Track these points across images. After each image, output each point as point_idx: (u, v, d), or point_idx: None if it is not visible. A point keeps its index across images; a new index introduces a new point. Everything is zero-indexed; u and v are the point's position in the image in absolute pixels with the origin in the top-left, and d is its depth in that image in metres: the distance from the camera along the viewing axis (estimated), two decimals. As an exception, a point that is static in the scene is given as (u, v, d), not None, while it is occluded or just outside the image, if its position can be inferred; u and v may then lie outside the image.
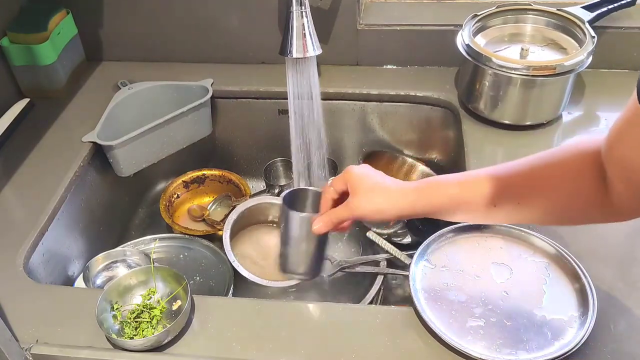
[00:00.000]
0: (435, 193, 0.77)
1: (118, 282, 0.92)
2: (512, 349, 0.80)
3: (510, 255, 0.93)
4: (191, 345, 0.87)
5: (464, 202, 0.75)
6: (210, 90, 1.35)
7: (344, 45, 1.38)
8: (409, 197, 0.77)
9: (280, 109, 1.41)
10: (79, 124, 1.29)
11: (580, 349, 0.80)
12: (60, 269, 1.15)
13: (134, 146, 1.26)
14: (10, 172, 1.19)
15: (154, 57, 1.46)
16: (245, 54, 1.43)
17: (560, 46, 1.20)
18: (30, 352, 0.87)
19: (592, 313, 0.83)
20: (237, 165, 1.52)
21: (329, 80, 1.37)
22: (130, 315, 0.89)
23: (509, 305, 0.86)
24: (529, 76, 1.12)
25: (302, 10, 1.13)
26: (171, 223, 1.33)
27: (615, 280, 0.90)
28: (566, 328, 0.82)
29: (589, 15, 1.21)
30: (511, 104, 1.17)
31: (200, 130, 1.38)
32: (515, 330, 0.83)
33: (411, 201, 0.77)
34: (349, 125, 1.42)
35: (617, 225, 0.71)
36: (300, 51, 1.15)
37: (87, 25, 1.42)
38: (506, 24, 1.26)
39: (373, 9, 1.41)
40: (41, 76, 1.34)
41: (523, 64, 1.13)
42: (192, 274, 1.22)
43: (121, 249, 1.18)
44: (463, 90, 1.26)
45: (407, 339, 0.85)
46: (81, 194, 1.23)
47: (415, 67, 1.39)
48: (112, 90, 1.37)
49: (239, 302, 0.97)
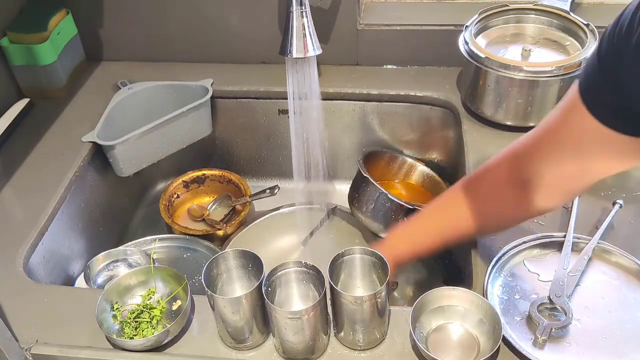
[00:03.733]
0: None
1: (118, 282, 0.92)
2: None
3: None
4: (191, 345, 0.87)
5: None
6: (210, 90, 1.35)
7: (344, 45, 1.38)
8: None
9: (280, 109, 1.40)
10: (79, 124, 1.29)
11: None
12: (60, 269, 1.15)
13: (133, 146, 1.26)
14: (10, 172, 1.19)
15: (154, 57, 1.46)
16: (246, 54, 1.43)
17: (562, 46, 1.20)
18: (30, 352, 0.87)
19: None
20: (237, 165, 1.51)
21: (329, 80, 1.37)
22: (130, 315, 0.89)
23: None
24: (531, 77, 1.12)
25: (302, 10, 1.13)
26: (171, 223, 1.33)
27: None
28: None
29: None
30: (514, 105, 1.17)
31: (200, 130, 1.38)
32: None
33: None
34: (349, 125, 1.41)
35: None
36: (300, 51, 1.15)
37: (87, 25, 1.42)
38: (507, 24, 1.26)
39: (373, 9, 1.41)
40: (41, 76, 1.33)
41: (525, 65, 1.12)
42: (192, 274, 1.22)
43: (122, 248, 1.18)
44: (466, 92, 1.26)
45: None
46: (81, 194, 1.22)
47: (415, 67, 1.39)
48: (112, 90, 1.37)
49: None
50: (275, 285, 0.84)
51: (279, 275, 0.84)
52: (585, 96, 0.66)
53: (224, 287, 0.88)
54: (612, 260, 0.94)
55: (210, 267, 0.84)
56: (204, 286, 0.81)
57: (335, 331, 0.86)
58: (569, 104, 0.69)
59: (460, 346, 0.84)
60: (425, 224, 0.97)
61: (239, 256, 0.87)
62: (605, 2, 1.36)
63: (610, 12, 1.32)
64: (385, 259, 0.82)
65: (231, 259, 0.87)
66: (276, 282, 0.84)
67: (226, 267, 0.87)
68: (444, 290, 0.86)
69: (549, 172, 0.75)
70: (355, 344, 0.85)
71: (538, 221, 1.01)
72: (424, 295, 0.85)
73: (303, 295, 0.87)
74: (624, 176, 1.08)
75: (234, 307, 0.81)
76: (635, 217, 1.01)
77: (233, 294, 0.88)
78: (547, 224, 1.01)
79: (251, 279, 0.87)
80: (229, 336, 0.85)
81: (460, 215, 0.89)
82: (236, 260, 0.87)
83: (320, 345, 0.84)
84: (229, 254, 0.86)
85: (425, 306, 0.85)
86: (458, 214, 0.89)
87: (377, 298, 0.80)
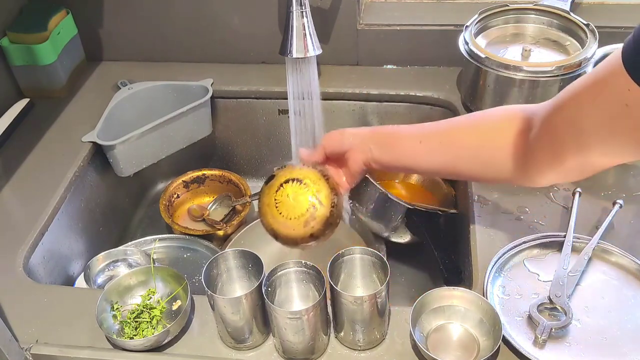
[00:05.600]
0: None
1: (118, 282, 0.92)
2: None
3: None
4: (191, 345, 0.87)
5: (398, 133, 0.90)
6: (210, 90, 1.35)
7: (344, 45, 1.38)
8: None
9: (280, 109, 1.40)
10: (79, 124, 1.29)
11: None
12: (60, 269, 1.15)
13: (133, 146, 1.26)
14: (10, 172, 1.19)
15: (154, 57, 1.46)
16: (246, 54, 1.43)
17: (562, 46, 1.20)
18: (30, 352, 0.87)
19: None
20: (237, 165, 1.51)
21: (329, 80, 1.37)
22: (130, 315, 0.89)
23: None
24: (531, 77, 1.12)
25: (302, 10, 1.13)
26: (171, 223, 1.33)
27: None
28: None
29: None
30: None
31: (200, 130, 1.38)
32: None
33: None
34: (349, 125, 1.39)
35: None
36: (300, 51, 1.15)
37: (87, 25, 1.42)
38: (507, 24, 1.26)
39: (373, 9, 1.41)
40: (41, 76, 1.33)
41: (525, 65, 1.12)
42: (192, 274, 1.22)
43: (122, 248, 1.18)
44: (466, 92, 1.26)
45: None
46: (81, 194, 1.22)
47: (415, 67, 1.39)
48: (112, 90, 1.37)
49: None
50: (275, 285, 0.85)
51: (279, 275, 0.84)
52: (628, 63, 0.61)
53: (224, 287, 0.88)
54: (612, 260, 0.94)
55: (210, 267, 0.84)
56: (204, 286, 0.81)
57: (336, 331, 0.86)
58: (607, 71, 0.64)
59: (460, 346, 0.84)
60: (419, 145, 0.88)
61: (239, 256, 0.87)
62: (605, 2, 1.36)
63: (610, 12, 1.33)
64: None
65: (231, 259, 0.87)
66: (276, 282, 0.85)
67: (226, 267, 0.87)
68: (444, 290, 0.86)
69: (572, 141, 0.71)
70: (355, 344, 0.85)
71: (538, 221, 1.01)
72: (424, 295, 0.85)
73: (303, 295, 0.87)
74: (624, 176, 1.08)
75: (234, 307, 0.81)
76: (635, 217, 1.01)
77: (233, 294, 0.88)
78: (547, 224, 1.01)
79: (251, 279, 0.87)
80: (229, 336, 0.85)
81: (458, 152, 0.85)
82: (236, 260, 0.87)
83: (320, 345, 0.84)
84: (229, 254, 0.87)
85: (425, 306, 0.85)
86: (457, 152, 0.86)
87: (377, 298, 0.80)
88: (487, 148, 0.83)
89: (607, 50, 1.16)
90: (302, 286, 0.87)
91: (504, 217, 1.03)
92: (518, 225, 1.01)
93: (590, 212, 1.01)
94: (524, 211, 1.03)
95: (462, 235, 1.10)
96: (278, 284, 0.85)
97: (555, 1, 1.23)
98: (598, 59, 1.14)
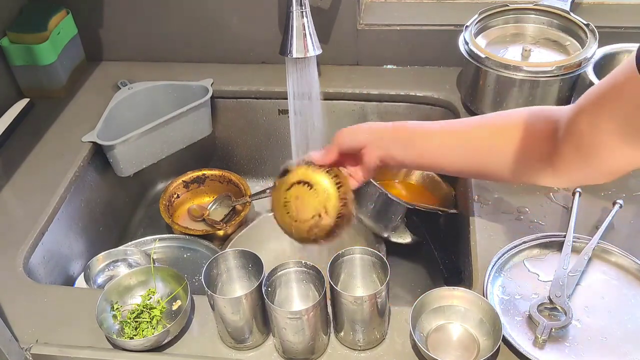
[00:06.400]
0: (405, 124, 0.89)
1: (118, 282, 0.92)
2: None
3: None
4: (191, 345, 0.87)
5: (419, 132, 0.87)
6: (210, 90, 1.35)
7: (344, 45, 1.38)
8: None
9: (280, 109, 1.40)
10: (79, 124, 1.29)
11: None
12: (60, 269, 1.15)
13: (133, 146, 1.26)
14: (10, 172, 1.19)
15: (154, 57, 1.46)
16: (246, 54, 1.43)
17: (562, 46, 1.20)
18: (30, 352, 0.87)
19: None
20: (237, 165, 1.51)
21: (329, 80, 1.37)
22: (130, 315, 0.89)
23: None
24: (531, 77, 1.12)
25: (302, 10, 1.13)
26: (171, 223, 1.33)
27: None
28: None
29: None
30: (514, 105, 1.16)
31: (200, 130, 1.38)
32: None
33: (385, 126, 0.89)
34: (349, 125, 1.41)
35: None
36: (300, 51, 1.15)
37: (87, 25, 1.42)
38: (507, 24, 1.26)
39: (373, 9, 1.41)
40: (41, 76, 1.33)
41: (525, 65, 1.12)
42: (192, 274, 1.22)
43: (122, 248, 1.18)
44: (466, 92, 1.26)
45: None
46: (81, 194, 1.22)
47: (415, 67, 1.39)
48: (112, 90, 1.37)
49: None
50: (275, 285, 0.85)
51: (279, 275, 0.84)
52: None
53: (224, 287, 0.88)
54: (612, 260, 0.94)
55: (210, 267, 0.84)
56: (204, 286, 0.81)
57: (336, 331, 0.86)
58: (623, 76, 0.66)
59: (460, 346, 0.84)
60: (441, 145, 0.86)
61: (239, 256, 0.87)
62: (605, 2, 1.36)
63: (610, 12, 1.33)
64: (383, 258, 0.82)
65: (231, 259, 0.87)
66: (276, 282, 0.85)
67: (226, 267, 0.87)
68: (444, 290, 0.86)
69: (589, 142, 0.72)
70: (355, 344, 0.85)
71: (538, 221, 1.01)
72: (424, 295, 0.85)
73: (303, 295, 0.88)
74: (624, 176, 1.08)
75: (234, 307, 0.81)
76: (635, 217, 1.01)
77: (233, 294, 0.88)
78: (547, 224, 1.01)
79: (251, 279, 0.87)
80: (229, 336, 0.85)
81: (483, 152, 0.84)
82: (236, 260, 0.87)
83: (320, 345, 0.84)
84: (229, 254, 0.87)
85: (425, 306, 0.85)
86: (482, 152, 0.85)
87: (377, 298, 0.80)
88: (514, 148, 0.81)
89: (607, 50, 1.17)
90: (302, 286, 0.87)
91: (504, 217, 1.03)
92: (518, 225, 1.01)
93: (590, 212, 1.01)
94: (524, 211, 1.03)
95: (462, 235, 1.10)
96: (278, 284, 0.85)
97: (555, 1, 1.23)
98: (598, 59, 1.14)
